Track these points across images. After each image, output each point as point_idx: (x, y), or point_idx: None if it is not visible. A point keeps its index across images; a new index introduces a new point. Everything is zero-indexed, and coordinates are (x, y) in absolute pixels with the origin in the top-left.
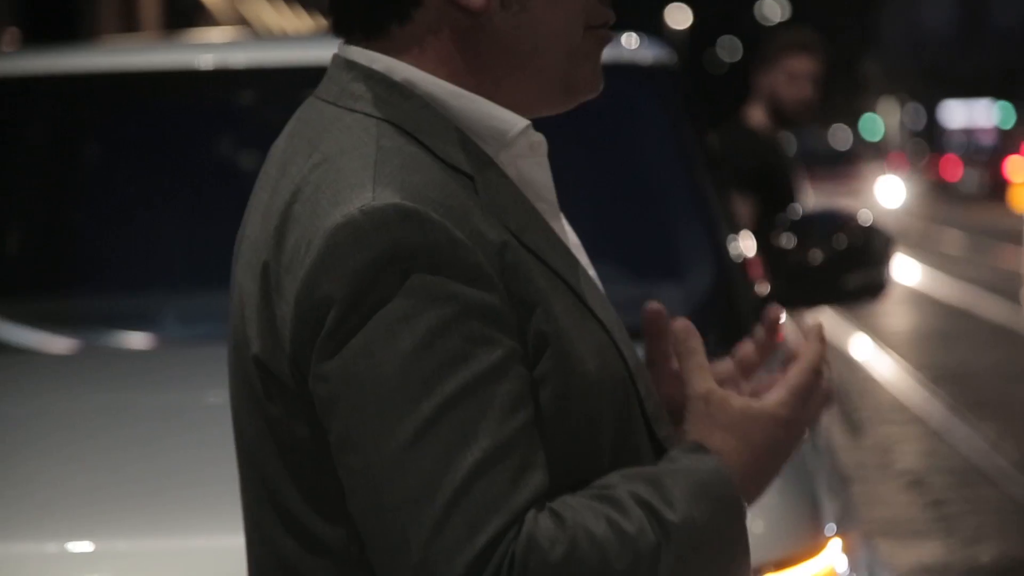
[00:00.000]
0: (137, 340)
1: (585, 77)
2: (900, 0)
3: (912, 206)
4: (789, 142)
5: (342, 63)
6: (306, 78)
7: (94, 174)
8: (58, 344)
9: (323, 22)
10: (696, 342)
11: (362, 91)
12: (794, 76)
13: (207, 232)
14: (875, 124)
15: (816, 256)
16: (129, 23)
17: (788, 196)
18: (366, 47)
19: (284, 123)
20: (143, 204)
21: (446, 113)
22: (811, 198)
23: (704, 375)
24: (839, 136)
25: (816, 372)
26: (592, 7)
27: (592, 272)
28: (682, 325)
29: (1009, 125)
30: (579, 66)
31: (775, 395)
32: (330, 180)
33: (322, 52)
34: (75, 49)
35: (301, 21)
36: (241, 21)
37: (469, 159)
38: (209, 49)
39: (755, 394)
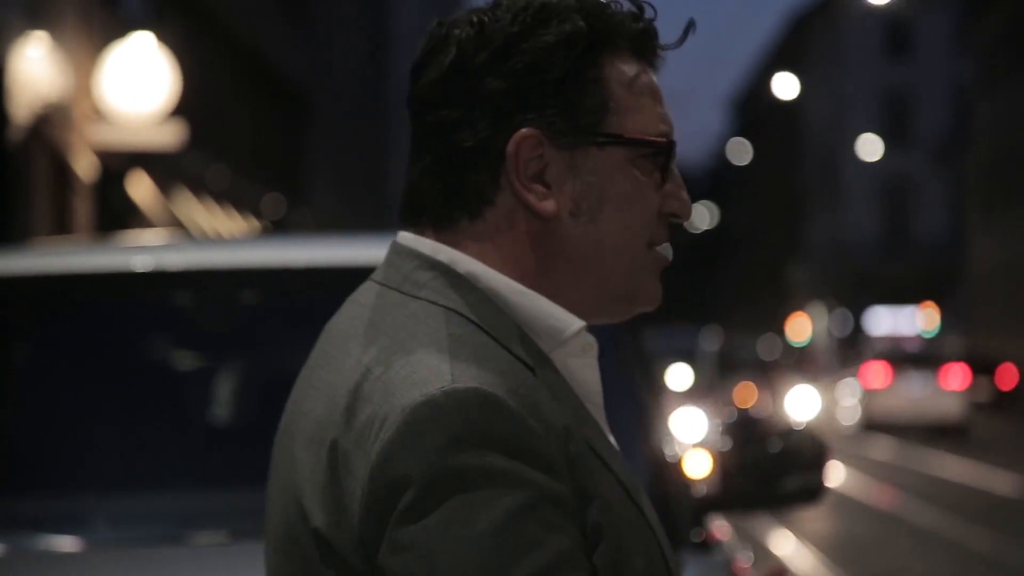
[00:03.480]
0: (66, 543)
1: (647, 291)
2: (825, 207)
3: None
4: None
5: (404, 251)
6: (238, 280)
7: (25, 376)
8: None
9: (255, 223)
10: None
11: (426, 279)
12: None
13: (137, 434)
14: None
15: (752, 459)
16: (62, 225)
17: None
18: (434, 238)
19: (217, 324)
20: (74, 406)
21: (505, 308)
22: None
23: None
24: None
25: None
26: (656, 226)
27: None
28: None
29: (932, 333)
30: (642, 280)
31: None
32: (403, 362)
33: (255, 254)
34: (6, 252)
35: (234, 222)
36: (174, 222)
37: (528, 354)
38: (141, 251)
39: None
